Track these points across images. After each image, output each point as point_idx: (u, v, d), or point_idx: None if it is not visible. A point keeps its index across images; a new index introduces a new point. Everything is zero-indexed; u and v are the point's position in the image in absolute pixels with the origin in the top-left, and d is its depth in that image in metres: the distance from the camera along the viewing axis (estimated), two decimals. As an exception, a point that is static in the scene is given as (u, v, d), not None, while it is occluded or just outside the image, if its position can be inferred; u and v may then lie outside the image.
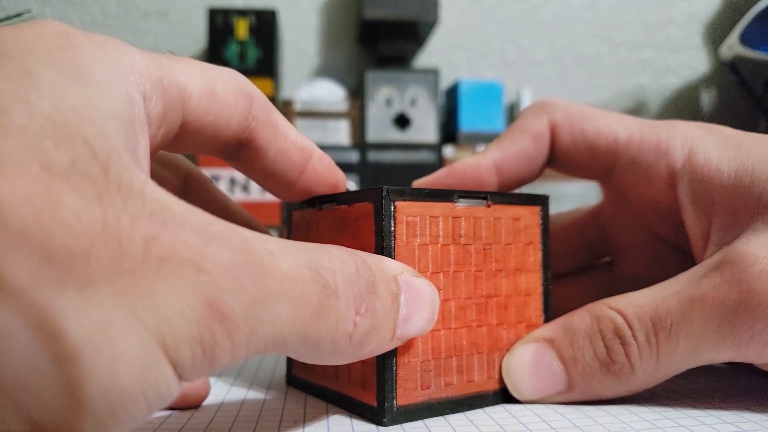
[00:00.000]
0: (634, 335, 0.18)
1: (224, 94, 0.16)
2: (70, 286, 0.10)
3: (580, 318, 0.19)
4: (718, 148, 0.20)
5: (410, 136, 0.57)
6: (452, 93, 0.61)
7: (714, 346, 0.18)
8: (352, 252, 0.15)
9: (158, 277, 0.11)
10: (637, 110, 0.71)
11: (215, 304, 0.11)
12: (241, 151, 0.18)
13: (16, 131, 0.10)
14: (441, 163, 0.57)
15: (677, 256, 0.24)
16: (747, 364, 0.24)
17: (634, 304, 0.19)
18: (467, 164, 0.23)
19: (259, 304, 0.12)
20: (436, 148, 0.57)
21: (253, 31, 0.57)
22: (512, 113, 0.67)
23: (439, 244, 0.18)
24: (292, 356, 0.15)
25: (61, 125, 0.11)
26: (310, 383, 0.21)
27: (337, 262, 0.14)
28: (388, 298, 0.16)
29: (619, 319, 0.19)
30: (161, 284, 0.11)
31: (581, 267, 0.27)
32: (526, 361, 0.19)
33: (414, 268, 0.17)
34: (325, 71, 0.67)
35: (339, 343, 0.14)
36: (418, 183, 0.24)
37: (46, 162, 0.10)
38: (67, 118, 0.11)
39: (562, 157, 0.24)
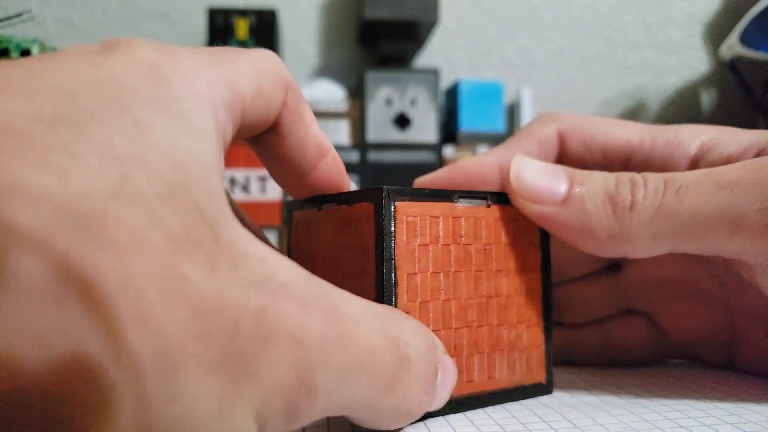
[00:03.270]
0: (645, 184, 0.19)
1: (269, 89, 0.16)
2: (186, 372, 0.10)
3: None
4: (727, 134, 0.21)
5: (410, 136, 0.57)
6: (452, 93, 0.61)
7: (712, 219, 0.18)
8: (422, 326, 0.16)
9: (263, 352, 0.11)
10: (637, 110, 0.71)
11: (305, 379, 0.11)
12: (263, 134, 0.17)
13: (140, 198, 0.10)
14: (441, 163, 0.57)
15: (689, 258, 0.24)
16: (746, 366, 0.24)
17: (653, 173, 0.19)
18: (470, 162, 0.23)
19: (342, 378, 0.12)
20: (436, 148, 0.57)
21: (253, 31, 0.57)
22: (512, 113, 0.67)
23: (440, 244, 0.18)
24: (344, 415, 0.15)
25: (176, 188, 0.10)
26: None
27: (411, 336, 0.15)
28: (438, 376, 0.16)
29: (636, 174, 0.19)
30: (265, 361, 0.11)
31: (589, 272, 0.27)
32: (537, 162, 0.20)
33: (414, 268, 0.17)
34: (325, 71, 0.67)
35: (399, 415, 0.15)
36: (421, 181, 0.24)
37: (168, 232, 0.10)
38: (180, 179, 0.11)
39: (573, 163, 0.24)
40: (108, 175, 0.10)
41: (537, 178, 0.19)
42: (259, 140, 0.17)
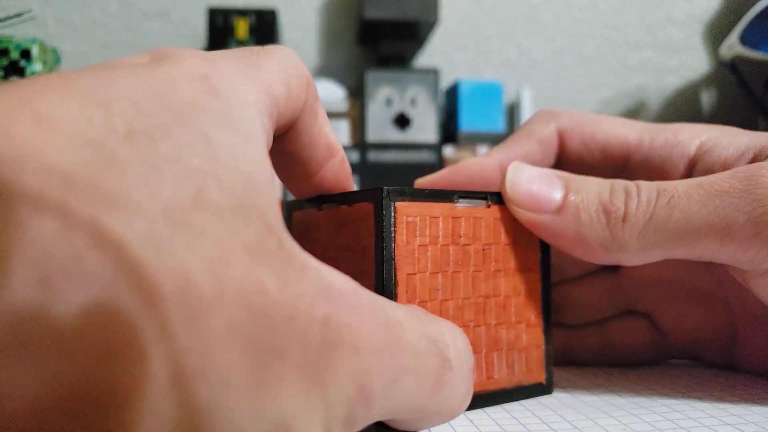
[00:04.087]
0: (638, 193, 0.19)
1: (296, 90, 0.16)
2: (270, 390, 0.10)
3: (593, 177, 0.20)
4: (726, 136, 0.21)
5: (410, 136, 0.57)
6: (452, 93, 0.61)
7: (703, 228, 0.18)
8: (457, 327, 0.16)
9: (329, 363, 0.11)
10: (637, 110, 0.71)
11: (365, 387, 0.12)
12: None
13: (216, 210, 0.10)
14: (441, 163, 0.57)
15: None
16: (746, 366, 0.24)
17: (648, 182, 0.19)
18: (472, 163, 0.23)
19: (394, 382, 0.12)
20: (436, 148, 0.57)
21: (253, 31, 0.57)
22: (512, 113, 0.67)
23: (439, 245, 0.18)
24: (391, 422, 0.15)
25: (245, 200, 0.11)
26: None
27: (450, 337, 0.15)
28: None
29: (630, 183, 0.19)
30: (330, 372, 0.11)
31: (588, 272, 0.27)
32: (533, 170, 0.20)
33: (413, 268, 0.17)
34: (325, 71, 0.67)
35: (442, 414, 0.15)
36: (422, 181, 0.24)
37: (245, 243, 0.10)
38: (247, 190, 0.11)
39: (572, 161, 0.24)
40: (185, 188, 0.10)
41: (531, 185, 0.19)
42: (274, 138, 0.17)
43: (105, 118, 0.10)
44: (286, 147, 0.17)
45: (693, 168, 0.22)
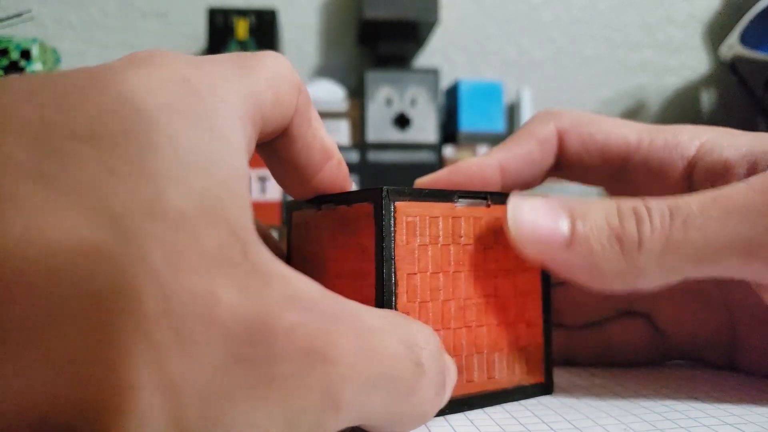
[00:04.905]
0: (650, 215, 0.18)
1: (285, 96, 0.15)
2: (228, 400, 0.10)
3: (597, 199, 0.19)
4: (726, 138, 0.21)
5: (410, 136, 0.57)
6: (452, 93, 0.61)
7: (723, 247, 0.17)
8: (429, 328, 0.16)
9: (295, 372, 0.11)
10: (637, 110, 0.71)
11: (333, 395, 0.11)
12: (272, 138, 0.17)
13: (175, 217, 0.10)
14: (441, 163, 0.57)
15: None
16: (746, 366, 0.24)
17: (655, 198, 0.18)
18: (471, 163, 0.23)
19: (367, 390, 0.12)
20: (436, 148, 0.57)
21: (253, 31, 0.57)
22: (512, 113, 0.67)
23: (439, 245, 0.18)
24: (360, 425, 0.15)
25: (210, 204, 0.10)
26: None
27: (423, 340, 0.15)
28: (448, 376, 0.16)
29: (638, 202, 0.18)
30: (296, 380, 0.11)
31: None
32: (538, 203, 0.18)
33: (414, 268, 0.17)
34: (325, 71, 0.67)
35: (415, 419, 0.15)
36: (422, 182, 0.24)
37: (202, 251, 0.10)
38: (214, 194, 0.11)
39: (571, 162, 0.24)
40: (143, 193, 0.10)
41: (535, 222, 0.18)
42: (267, 144, 0.17)
43: (70, 123, 0.10)
44: (282, 153, 0.17)
45: (693, 169, 0.22)
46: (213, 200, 0.10)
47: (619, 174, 0.23)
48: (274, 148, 0.17)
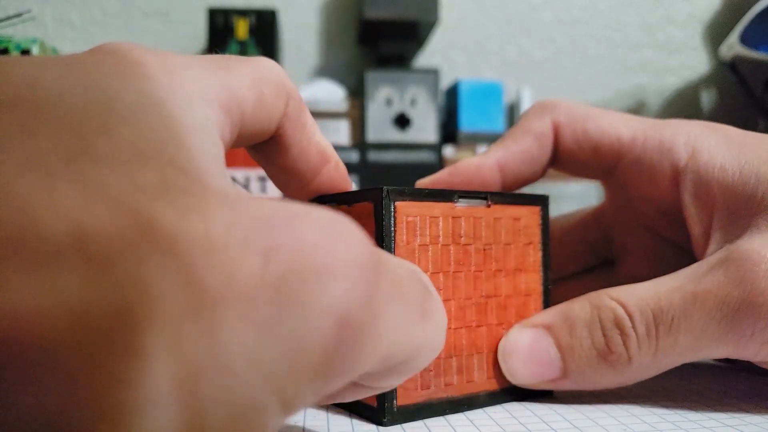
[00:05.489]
0: (634, 327, 0.18)
1: (270, 98, 0.15)
2: (223, 319, 0.08)
3: (580, 307, 0.19)
4: (722, 147, 0.21)
5: (410, 136, 0.57)
6: (452, 93, 0.61)
7: (713, 342, 0.18)
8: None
9: (283, 297, 0.09)
10: (637, 110, 0.71)
11: (344, 316, 0.10)
12: (265, 144, 0.17)
13: (102, 160, 0.09)
14: (441, 163, 0.57)
15: (680, 257, 0.24)
16: (747, 364, 0.24)
17: (635, 296, 0.19)
18: (470, 164, 0.23)
19: (380, 312, 0.11)
20: (436, 148, 0.57)
21: (253, 31, 0.57)
22: (512, 113, 0.67)
23: (439, 244, 0.18)
24: (379, 378, 0.13)
25: (144, 149, 0.10)
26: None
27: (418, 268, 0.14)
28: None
29: (620, 310, 0.19)
30: (288, 307, 0.09)
31: (584, 268, 0.27)
32: (523, 346, 0.19)
33: (414, 268, 0.17)
34: (325, 71, 0.67)
35: (432, 349, 0.14)
36: (422, 183, 0.24)
37: (136, 183, 0.09)
38: (149, 142, 0.10)
39: (565, 157, 0.24)
40: (62, 141, 0.09)
41: (528, 369, 0.19)
42: (262, 150, 0.17)
43: (16, 115, 0.10)
44: (278, 160, 0.17)
45: (680, 178, 0.21)
46: (147, 146, 0.10)
47: (612, 170, 0.23)
48: (269, 153, 0.17)
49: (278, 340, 0.09)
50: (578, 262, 0.27)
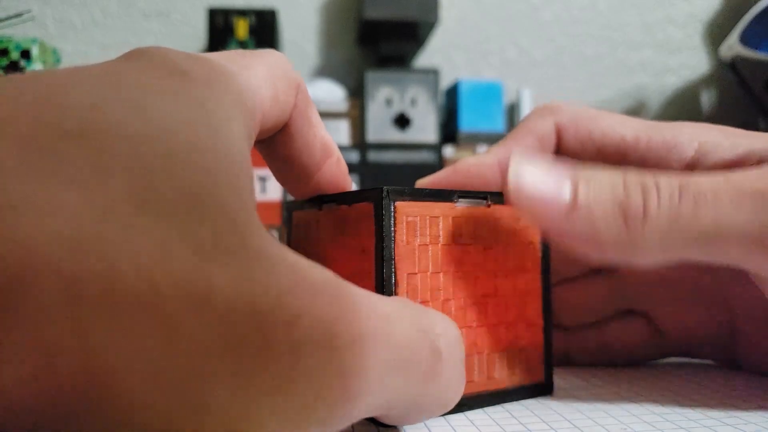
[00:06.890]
0: (657, 189, 0.17)
1: (283, 94, 0.15)
2: (214, 385, 0.09)
3: (604, 169, 0.18)
4: (727, 138, 0.21)
5: (410, 136, 0.57)
6: (452, 93, 0.61)
7: (732, 232, 0.17)
8: (447, 317, 0.15)
9: (299, 361, 0.10)
10: (637, 110, 0.71)
11: (347, 384, 0.11)
12: (271, 136, 0.17)
13: (165, 209, 0.10)
14: (441, 163, 0.57)
15: None
16: (747, 364, 0.24)
17: (664, 174, 0.18)
18: (471, 164, 0.23)
19: (383, 377, 0.12)
20: (436, 148, 0.57)
21: (253, 31, 0.57)
22: (512, 113, 0.67)
23: (439, 244, 0.18)
24: (385, 418, 0.15)
25: (203, 195, 0.10)
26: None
27: (441, 327, 0.14)
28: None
29: (647, 175, 0.18)
30: (301, 370, 0.10)
31: (587, 271, 0.27)
32: (537, 165, 0.18)
33: (414, 268, 0.17)
34: (325, 71, 0.67)
35: (437, 407, 0.15)
36: (422, 182, 0.24)
37: (195, 245, 0.10)
38: (207, 184, 0.10)
39: (568, 158, 0.24)
40: (132, 187, 0.09)
41: (537, 185, 0.18)
42: (267, 142, 0.17)
43: (62, 121, 0.10)
44: (282, 151, 0.17)
45: (688, 170, 0.22)
46: (206, 191, 0.10)
47: None
48: (275, 145, 0.17)
49: (295, 397, 0.10)
50: (580, 263, 0.27)
